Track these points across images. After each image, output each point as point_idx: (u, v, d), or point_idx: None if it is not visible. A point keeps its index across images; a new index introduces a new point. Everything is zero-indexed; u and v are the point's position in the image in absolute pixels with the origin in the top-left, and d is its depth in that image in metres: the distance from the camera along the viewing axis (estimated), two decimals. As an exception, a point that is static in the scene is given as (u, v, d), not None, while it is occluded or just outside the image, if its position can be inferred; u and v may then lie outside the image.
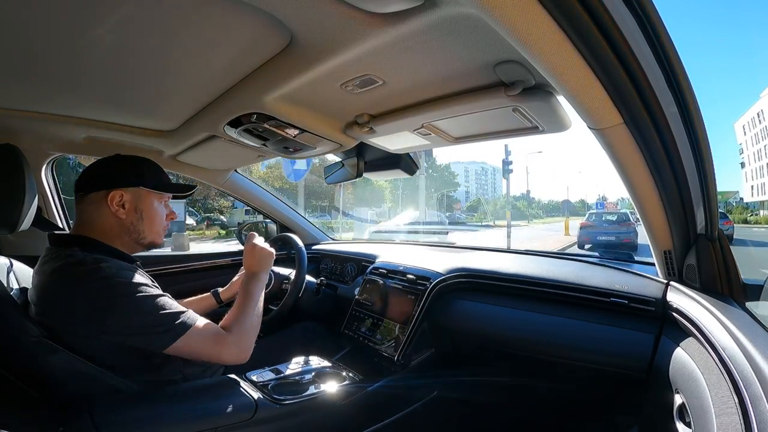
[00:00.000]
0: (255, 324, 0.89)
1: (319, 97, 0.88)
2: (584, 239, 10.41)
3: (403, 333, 1.15)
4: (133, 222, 0.86)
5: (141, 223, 0.88)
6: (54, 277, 0.76)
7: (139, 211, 0.87)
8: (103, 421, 0.67)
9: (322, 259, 1.82)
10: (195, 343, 0.78)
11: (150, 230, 0.90)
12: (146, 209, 0.88)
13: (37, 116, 1.08)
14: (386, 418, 1.05)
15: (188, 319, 0.79)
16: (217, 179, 1.69)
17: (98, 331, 0.73)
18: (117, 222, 0.85)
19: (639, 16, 0.49)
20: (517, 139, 0.99)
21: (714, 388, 0.58)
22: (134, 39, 0.69)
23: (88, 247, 0.81)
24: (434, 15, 0.54)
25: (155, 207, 0.90)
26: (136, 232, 0.87)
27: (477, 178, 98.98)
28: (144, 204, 0.88)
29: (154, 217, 0.90)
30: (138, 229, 0.87)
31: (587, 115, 0.64)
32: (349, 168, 1.38)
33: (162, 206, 0.92)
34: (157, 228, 0.91)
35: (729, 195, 53.26)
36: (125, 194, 0.85)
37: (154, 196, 0.90)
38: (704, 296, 0.76)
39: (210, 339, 0.80)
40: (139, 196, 0.87)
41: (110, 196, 0.83)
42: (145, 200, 0.88)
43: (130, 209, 0.86)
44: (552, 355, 1.00)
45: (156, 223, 0.91)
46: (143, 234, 0.88)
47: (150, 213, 0.89)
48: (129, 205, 0.85)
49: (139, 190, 0.87)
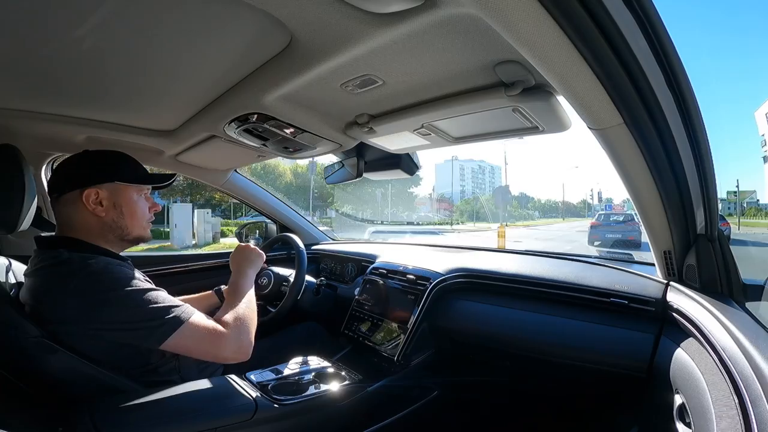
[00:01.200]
0: (251, 319, 0.86)
1: (319, 97, 0.88)
2: (594, 237, 11.77)
3: (403, 333, 1.15)
4: (114, 219, 0.84)
5: (122, 219, 0.85)
6: (42, 278, 0.76)
7: (118, 206, 0.84)
8: (102, 421, 0.67)
9: (321, 259, 1.82)
10: (191, 339, 0.75)
11: (133, 225, 0.87)
12: (125, 204, 0.85)
13: (36, 116, 1.07)
14: (386, 419, 1.05)
15: (183, 313, 0.76)
16: (217, 179, 1.69)
17: (89, 327, 0.71)
18: (97, 220, 0.82)
19: (638, 15, 0.49)
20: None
21: (714, 388, 0.58)
22: (134, 39, 0.69)
23: (73, 247, 0.79)
24: (434, 15, 0.54)
25: (135, 200, 0.87)
26: (119, 229, 0.85)
27: (474, 177, 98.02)
28: (122, 199, 0.85)
29: (135, 210, 0.87)
30: (120, 225, 0.85)
31: (587, 116, 0.64)
32: (349, 168, 1.37)
33: (142, 199, 0.89)
34: (140, 221, 0.88)
35: (745, 195, 43.83)
36: (101, 191, 0.82)
37: (133, 190, 0.86)
38: (704, 296, 0.76)
39: (207, 335, 0.77)
40: (116, 191, 0.84)
41: (85, 195, 0.80)
42: (123, 194, 0.85)
43: (109, 206, 0.83)
44: (552, 356, 1.00)
45: (138, 216, 0.87)
46: (127, 229, 0.86)
47: (130, 207, 0.86)
48: (107, 201, 0.83)
49: (115, 185, 0.84)
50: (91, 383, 0.73)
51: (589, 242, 11.77)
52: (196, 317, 0.77)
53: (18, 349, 0.69)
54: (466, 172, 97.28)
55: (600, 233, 11.74)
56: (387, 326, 1.21)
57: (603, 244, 11.20)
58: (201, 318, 0.78)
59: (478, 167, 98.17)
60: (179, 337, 0.74)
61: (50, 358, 0.69)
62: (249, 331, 0.84)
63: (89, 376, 0.72)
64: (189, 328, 0.75)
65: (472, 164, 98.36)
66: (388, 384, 1.08)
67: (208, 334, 0.77)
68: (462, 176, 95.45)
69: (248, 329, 0.84)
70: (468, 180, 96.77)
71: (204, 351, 0.78)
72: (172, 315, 0.74)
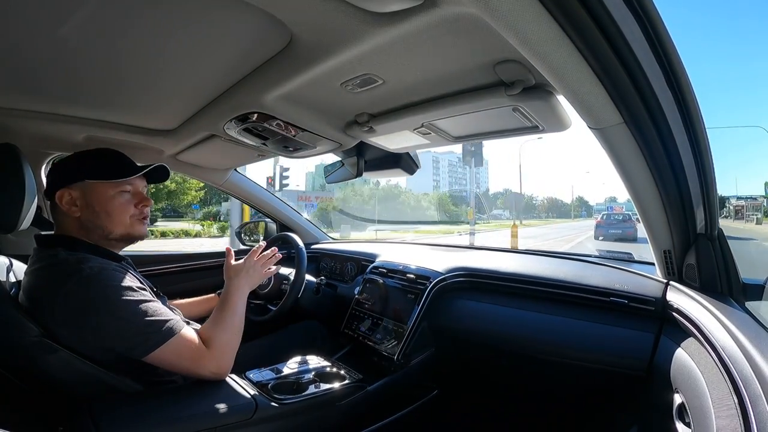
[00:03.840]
0: (236, 340, 0.85)
1: (319, 96, 0.88)
2: (599, 232, 14.84)
3: (403, 332, 1.15)
4: (90, 219, 0.81)
5: (98, 219, 0.81)
6: (38, 278, 0.76)
7: (91, 205, 0.81)
8: (103, 421, 0.67)
9: (321, 259, 1.82)
10: (174, 355, 0.75)
11: (112, 223, 0.82)
12: (98, 202, 0.81)
13: (36, 116, 1.07)
14: (386, 418, 1.05)
15: (169, 330, 0.74)
16: (217, 178, 1.69)
17: (77, 333, 0.71)
18: (76, 221, 0.81)
19: (639, 14, 0.49)
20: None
21: (713, 387, 0.58)
22: (134, 38, 0.69)
23: (71, 246, 0.79)
24: (434, 14, 0.54)
25: (110, 197, 0.82)
26: (99, 228, 0.82)
27: (451, 170, 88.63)
28: (94, 197, 0.81)
29: (111, 208, 0.82)
30: (97, 224, 0.82)
31: (587, 115, 0.64)
32: (349, 167, 1.37)
33: (122, 195, 0.84)
34: (120, 218, 0.83)
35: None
36: (72, 192, 0.80)
37: (107, 187, 0.82)
38: (704, 296, 0.76)
39: (190, 354, 0.76)
40: (88, 190, 0.81)
41: (57, 196, 0.80)
42: (95, 192, 0.81)
43: (83, 205, 0.80)
44: (551, 355, 1.00)
45: (116, 213, 0.83)
46: (107, 228, 0.82)
47: (104, 205, 0.82)
48: (80, 201, 0.80)
49: (85, 183, 0.81)
50: (92, 383, 0.73)
51: (595, 237, 14.69)
52: (181, 335, 0.76)
53: (18, 349, 0.69)
54: (441, 165, 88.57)
55: (603, 229, 14.81)
56: (387, 325, 1.21)
57: (606, 237, 14.27)
58: (186, 335, 0.77)
59: (457, 160, 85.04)
60: (162, 353, 0.73)
61: (50, 358, 0.69)
62: (231, 353, 0.83)
63: (90, 376, 0.72)
64: (173, 344, 0.74)
65: (450, 157, 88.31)
66: (388, 383, 1.08)
67: (191, 353, 0.77)
68: (436, 170, 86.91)
69: (231, 351, 0.83)
70: (444, 174, 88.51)
71: (184, 368, 0.77)
72: (158, 330, 0.73)
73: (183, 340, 0.76)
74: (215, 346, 0.80)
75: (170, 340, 0.74)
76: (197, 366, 0.78)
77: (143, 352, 0.73)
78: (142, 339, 0.72)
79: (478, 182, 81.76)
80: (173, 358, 0.75)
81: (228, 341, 0.83)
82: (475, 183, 21.71)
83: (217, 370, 0.80)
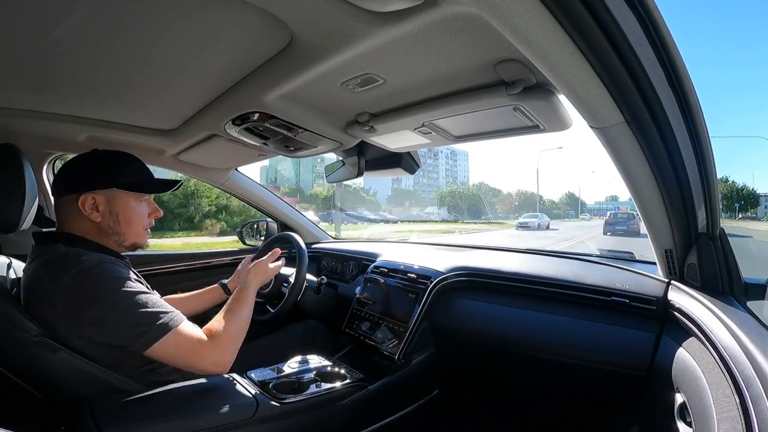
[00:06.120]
0: (239, 337, 0.85)
1: (320, 95, 0.88)
2: (607, 229, 16.63)
3: (404, 332, 1.15)
4: (110, 225, 0.82)
5: (118, 226, 0.83)
6: (37, 273, 0.75)
7: (114, 213, 0.82)
8: (104, 421, 0.67)
9: (322, 258, 1.82)
10: (174, 348, 0.74)
11: (129, 232, 0.84)
12: (122, 211, 0.83)
13: (37, 115, 1.07)
14: (387, 417, 1.05)
15: (171, 321, 0.74)
16: (218, 178, 1.69)
17: (76, 326, 0.71)
18: (93, 225, 0.81)
19: (639, 13, 0.49)
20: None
21: (715, 387, 0.58)
22: (135, 38, 0.69)
23: (70, 242, 0.79)
24: (435, 14, 0.54)
25: (132, 207, 0.84)
26: (115, 234, 0.83)
27: (446, 162, 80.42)
28: (119, 205, 0.82)
29: (132, 218, 0.84)
30: (116, 231, 0.83)
31: (588, 114, 0.64)
32: (350, 167, 1.38)
33: (142, 205, 0.87)
34: (137, 229, 0.86)
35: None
36: (97, 197, 0.80)
37: (131, 197, 0.84)
38: (705, 295, 0.76)
39: (190, 346, 0.76)
40: (114, 198, 0.82)
41: (81, 199, 0.79)
42: (120, 201, 0.83)
43: (105, 212, 0.81)
44: (552, 354, 1.00)
45: (135, 224, 0.85)
46: (123, 236, 0.84)
47: (127, 214, 0.84)
48: (103, 207, 0.81)
49: (113, 191, 0.82)
50: (93, 382, 0.73)
51: (604, 233, 16.42)
52: (181, 327, 0.76)
53: (19, 348, 0.69)
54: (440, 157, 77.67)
55: (611, 226, 16.71)
56: (388, 325, 1.21)
57: (614, 233, 15.98)
58: (186, 326, 0.77)
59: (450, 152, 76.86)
60: (163, 345, 0.73)
61: (51, 357, 0.69)
62: (234, 347, 0.83)
63: (91, 375, 0.72)
64: (173, 336, 0.74)
65: (443, 148, 73.27)
66: (389, 383, 1.08)
67: (191, 345, 0.76)
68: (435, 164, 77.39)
69: (234, 345, 0.83)
70: (441, 166, 78.81)
71: (185, 360, 0.77)
72: (159, 322, 0.73)
73: (183, 331, 0.76)
74: (220, 337, 0.80)
75: (170, 332, 0.74)
76: (198, 358, 0.77)
77: (143, 344, 0.72)
78: (142, 331, 0.72)
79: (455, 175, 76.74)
80: (174, 351, 0.75)
81: (234, 334, 0.83)
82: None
83: (219, 361, 0.79)
